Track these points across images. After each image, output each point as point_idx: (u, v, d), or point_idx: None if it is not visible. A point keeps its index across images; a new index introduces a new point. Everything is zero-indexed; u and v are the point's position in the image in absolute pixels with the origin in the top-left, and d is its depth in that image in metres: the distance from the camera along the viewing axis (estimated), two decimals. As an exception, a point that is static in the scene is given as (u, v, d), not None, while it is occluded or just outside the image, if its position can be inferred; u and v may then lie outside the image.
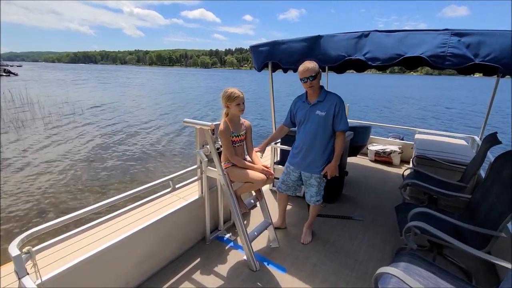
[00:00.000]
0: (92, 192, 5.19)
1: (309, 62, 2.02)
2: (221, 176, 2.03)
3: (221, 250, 2.25)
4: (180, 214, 2.12)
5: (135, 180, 5.79)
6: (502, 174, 1.86)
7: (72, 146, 8.00)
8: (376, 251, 2.27)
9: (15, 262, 1.13)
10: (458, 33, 1.66)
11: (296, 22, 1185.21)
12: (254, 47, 2.88)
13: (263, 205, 2.33)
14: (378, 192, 3.46)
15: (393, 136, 5.08)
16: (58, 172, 6.04)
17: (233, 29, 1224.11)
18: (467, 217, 2.01)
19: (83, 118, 12.04)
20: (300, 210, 2.92)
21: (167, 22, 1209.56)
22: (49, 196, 4.97)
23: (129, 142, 8.71)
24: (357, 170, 4.20)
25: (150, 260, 1.93)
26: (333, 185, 3.04)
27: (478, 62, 1.63)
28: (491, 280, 1.95)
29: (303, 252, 2.24)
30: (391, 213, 2.75)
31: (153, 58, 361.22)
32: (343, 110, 2.05)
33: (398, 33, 1.86)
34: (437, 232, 1.57)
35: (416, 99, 26.32)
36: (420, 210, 1.81)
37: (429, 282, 1.36)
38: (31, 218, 4.25)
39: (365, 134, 4.08)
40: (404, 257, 1.53)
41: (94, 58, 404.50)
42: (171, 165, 6.81)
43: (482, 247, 1.59)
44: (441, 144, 3.73)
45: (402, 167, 4.34)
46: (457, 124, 14.03)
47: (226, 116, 2.05)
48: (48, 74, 53.70)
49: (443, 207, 2.72)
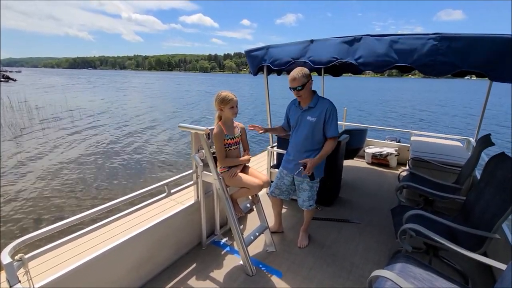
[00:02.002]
0: (87, 198, 5.15)
1: (298, 71, 1.97)
2: (217, 180, 2.03)
3: (217, 255, 2.24)
4: (176, 219, 2.11)
5: (130, 185, 5.76)
6: (496, 175, 1.87)
7: (67, 152, 7.96)
8: (372, 254, 2.27)
9: (6, 270, 1.12)
10: (448, 37, 1.68)
11: (294, 27, 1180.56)
12: (249, 51, 2.92)
13: (259, 209, 2.33)
14: (375, 194, 3.47)
15: (389, 139, 5.11)
16: (52, 178, 6.00)
17: (231, 33, 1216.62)
18: (461, 219, 2.02)
19: (79, 124, 12.00)
20: (297, 213, 2.92)
21: (166, 27, 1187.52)
22: (43, 202, 4.92)
23: (125, 147, 8.69)
24: (354, 172, 4.21)
25: (146, 266, 1.91)
26: (330, 188, 3.04)
27: (466, 70, 1.65)
28: (487, 282, 1.95)
29: (299, 256, 2.23)
30: (387, 215, 2.75)
31: (152, 63, 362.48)
32: (334, 116, 2.04)
33: (389, 37, 1.88)
34: (432, 234, 1.57)
35: (412, 102, 26.49)
36: (415, 212, 1.82)
37: (424, 285, 1.36)
38: (24, 225, 4.20)
39: (361, 137, 4.10)
40: (399, 259, 1.53)
41: (93, 63, 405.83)
42: (166, 170, 6.78)
43: (477, 249, 1.59)
44: (436, 146, 3.76)
45: (399, 169, 4.35)
46: (453, 126, 14.12)
47: (219, 119, 2.06)
48: (47, 79, 53.74)
49: (438, 209, 2.73)
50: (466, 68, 1.66)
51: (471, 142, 3.83)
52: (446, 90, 52.62)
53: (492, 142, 2.38)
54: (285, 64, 2.52)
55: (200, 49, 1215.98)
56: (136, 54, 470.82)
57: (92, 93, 27.96)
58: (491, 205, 1.75)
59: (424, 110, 20.15)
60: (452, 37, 1.66)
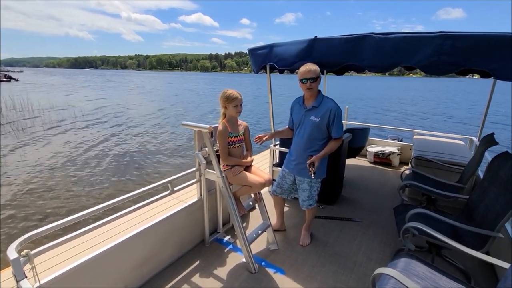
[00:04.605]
0: (91, 195, 5.19)
1: (312, 64, 2.00)
2: (220, 178, 2.04)
3: (220, 253, 2.25)
4: (179, 216, 2.13)
5: (134, 183, 5.80)
6: (499, 174, 1.87)
7: (70, 150, 8.02)
8: (375, 252, 2.27)
9: (13, 265, 1.13)
10: (452, 36, 1.67)
11: (293, 26, 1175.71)
12: (252, 50, 2.91)
13: (262, 207, 2.34)
14: (377, 193, 3.46)
15: (391, 138, 5.10)
16: (57, 175, 6.05)
17: (231, 33, 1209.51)
18: (464, 218, 2.02)
19: (82, 122, 12.07)
20: (299, 212, 2.92)
21: (166, 26, 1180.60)
22: (48, 199, 4.97)
23: (128, 145, 8.74)
24: (356, 171, 4.21)
25: (149, 263, 1.93)
26: (332, 187, 3.04)
27: (469, 68, 1.64)
28: (490, 281, 1.94)
29: (302, 254, 2.24)
30: (390, 214, 2.75)
31: (153, 62, 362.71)
32: (339, 116, 2.02)
33: (394, 37, 1.86)
34: (434, 233, 1.57)
35: (414, 101, 26.37)
36: (418, 211, 1.81)
37: (427, 283, 1.36)
38: (30, 221, 4.25)
39: (364, 135, 4.10)
40: (402, 258, 1.53)
41: (94, 63, 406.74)
42: (169, 168, 6.81)
43: (480, 248, 1.59)
44: (439, 145, 3.74)
45: (401, 168, 4.34)
46: (456, 124, 14.05)
47: (224, 117, 2.07)
48: (49, 79, 53.98)
49: (441, 208, 2.72)
50: (470, 67, 1.65)
51: (474, 141, 3.81)
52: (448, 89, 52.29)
53: (495, 141, 2.36)
54: (290, 64, 2.50)
55: (201, 49, 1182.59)
56: (137, 53, 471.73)
57: (96, 92, 28.04)
58: (495, 204, 1.75)
59: (425, 110, 20.04)
60: (456, 36, 1.65)
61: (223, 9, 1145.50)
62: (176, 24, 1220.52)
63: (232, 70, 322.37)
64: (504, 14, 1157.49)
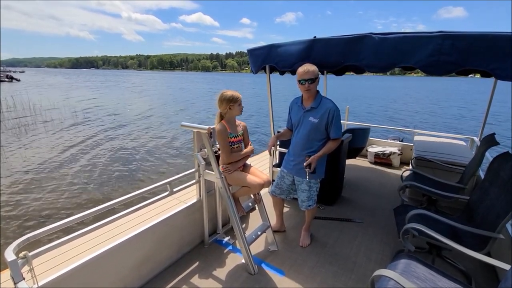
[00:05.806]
0: (90, 196, 5.19)
1: (310, 65, 2.00)
2: (219, 179, 2.04)
3: (219, 254, 2.25)
4: (178, 217, 2.12)
5: (133, 184, 5.80)
6: (500, 175, 1.86)
7: (70, 151, 8.03)
8: (375, 253, 2.26)
9: (11, 267, 1.13)
10: (451, 36, 1.66)
11: (294, 25, 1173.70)
12: (251, 50, 2.90)
13: (261, 208, 2.33)
14: (378, 194, 3.45)
15: (392, 138, 5.08)
16: (56, 177, 6.06)
17: (232, 32, 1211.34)
18: (465, 219, 2.01)
19: (82, 123, 12.09)
20: (299, 212, 2.91)
21: (166, 26, 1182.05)
22: (47, 201, 4.97)
23: (127, 146, 8.74)
24: (357, 172, 4.19)
25: (148, 264, 1.92)
26: (332, 187, 3.04)
27: (469, 68, 1.63)
28: (490, 282, 1.93)
29: (301, 255, 2.23)
30: (390, 215, 2.74)
31: (154, 62, 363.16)
32: (338, 117, 2.02)
33: (393, 37, 1.85)
34: (435, 234, 1.56)
35: (415, 101, 26.29)
36: (418, 212, 1.80)
37: (427, 285, 1.35)
38: (28, 223, 4.25)
39: (364, 136, 4.08)
40: (402, 259, 1.53)
41: (96, 63, 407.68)
42: (168, 169, 6.81)
43: (481, 249, 1.58)
44: (440, 145, 3.72)
45: (402, 169, 4.33)
46: (456, 125, 14.00)
47: (221, 118, 2.06)
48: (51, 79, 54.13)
49: (442, 209, 2.71)
50: (470, 67, 1.64)
51: (475, 142, 3.80)
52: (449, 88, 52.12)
53: (496, 142, 2.35)
54: (290, 65, 2.50)
55: (201, 48, 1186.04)
56: (138, 53, 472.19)
57: (98, 92, 28.10)
58: (495, 205, 1.74)
59: (425, 110, 19.98)
60: (455, 36, 1.64)
61: (223, 8, 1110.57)
62: (177, 24, 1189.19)
63: (233, 69, 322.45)
64: (505, 14, 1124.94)
